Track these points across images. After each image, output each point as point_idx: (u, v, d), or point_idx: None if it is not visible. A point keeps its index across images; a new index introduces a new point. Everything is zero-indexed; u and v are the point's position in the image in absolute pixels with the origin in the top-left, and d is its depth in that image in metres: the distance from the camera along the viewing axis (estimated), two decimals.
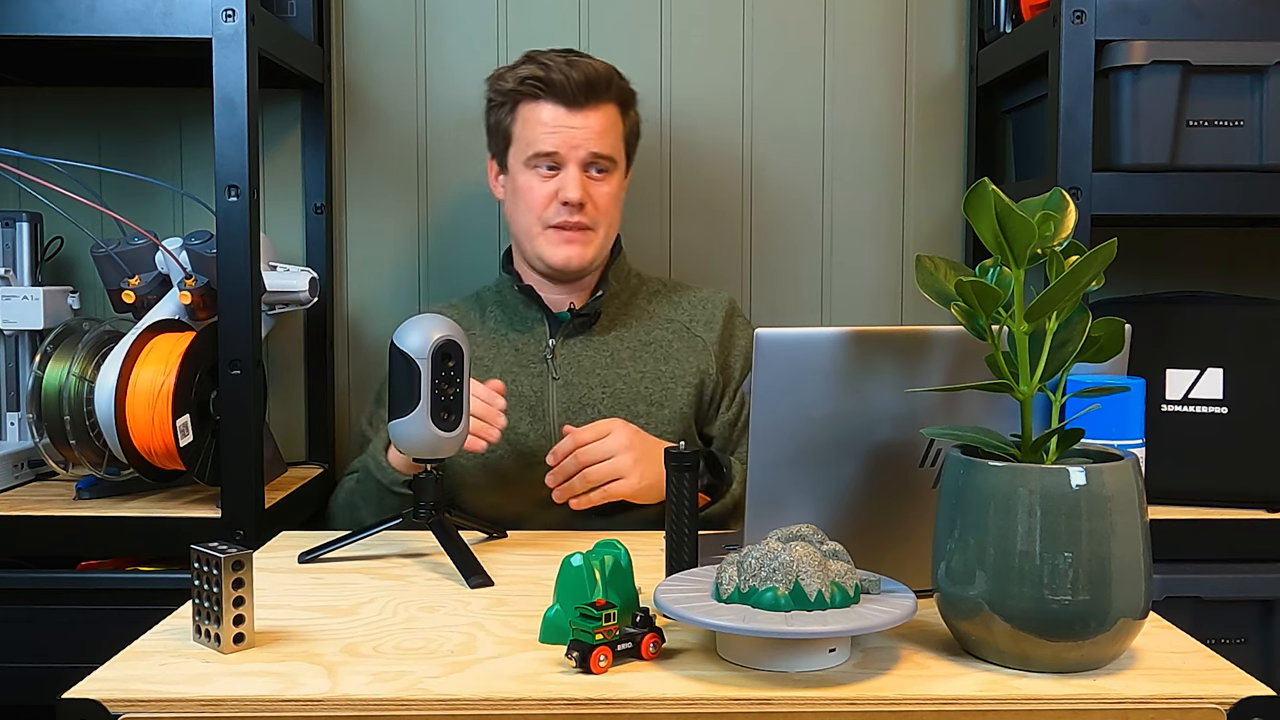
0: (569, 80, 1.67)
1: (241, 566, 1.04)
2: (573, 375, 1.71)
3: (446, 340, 1.31)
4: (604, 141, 1.70)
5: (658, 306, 1.80)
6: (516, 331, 1.76)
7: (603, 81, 1.70)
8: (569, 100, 1.68)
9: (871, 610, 0.98)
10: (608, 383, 1.71)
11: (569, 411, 1.69)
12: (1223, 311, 1.75)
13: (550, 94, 1.68)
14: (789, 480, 1.11)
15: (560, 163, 1.69)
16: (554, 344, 1.73)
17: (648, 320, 1.78)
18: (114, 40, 1.55)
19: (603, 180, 1.71)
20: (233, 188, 1.54)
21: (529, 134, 1.70)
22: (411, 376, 1.30)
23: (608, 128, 1.71)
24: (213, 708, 0.93)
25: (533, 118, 1.70)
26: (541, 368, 1.72)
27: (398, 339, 1.32)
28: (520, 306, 1.77)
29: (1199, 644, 1.07)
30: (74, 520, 1.60)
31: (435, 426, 1.31)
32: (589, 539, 1.15)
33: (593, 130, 1.69)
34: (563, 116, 1.68)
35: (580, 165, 1.69)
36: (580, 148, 1.68)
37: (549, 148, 1.68)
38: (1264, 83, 1.63)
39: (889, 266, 2.10)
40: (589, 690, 0.95)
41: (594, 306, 1.74)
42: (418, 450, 1.33)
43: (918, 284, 1.04)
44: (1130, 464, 0.98)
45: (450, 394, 1.32)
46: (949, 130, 2.09)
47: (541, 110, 1.69)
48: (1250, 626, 1.65)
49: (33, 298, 1.80)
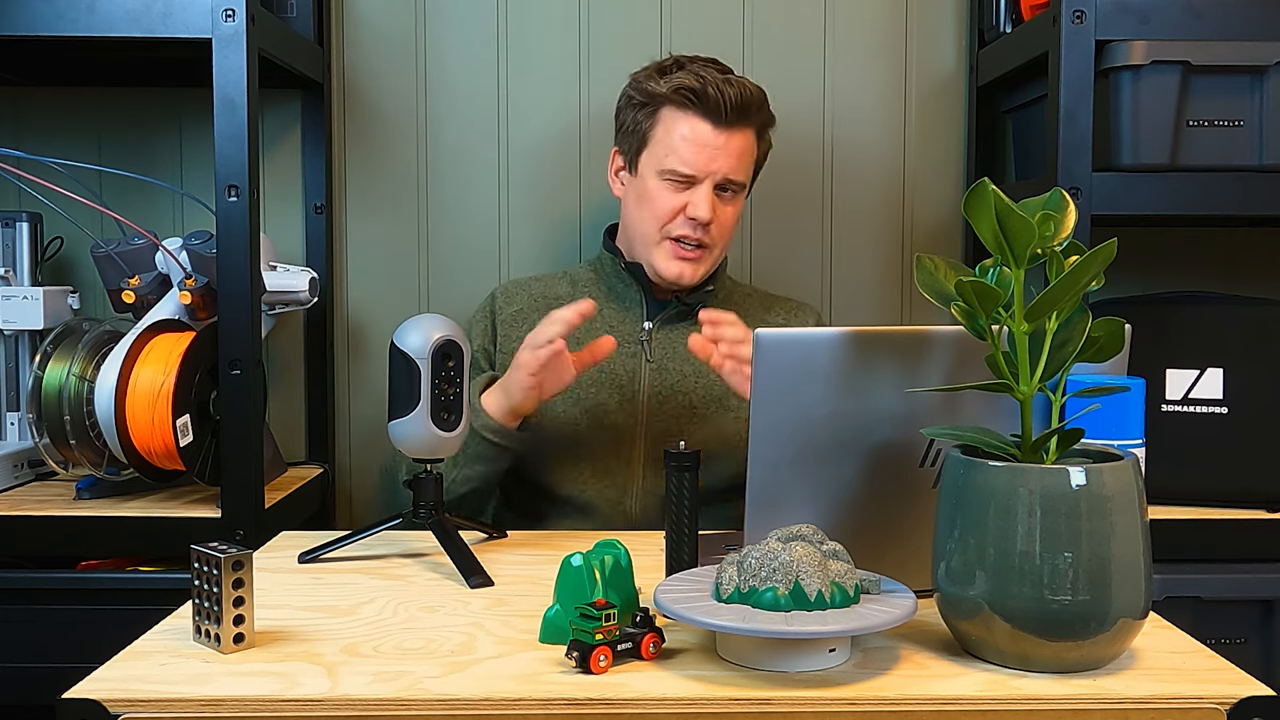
0: (724, 98, 1.64)
1: (241, 566, 1.04)
2: (666, 360, 1.72)
3: (446, 340, 1.31)
4: (740, 165, 1.68)
5: (751, 308, 1.81)
6: (612, 308, 1.76)
7: (754, 105, 1.68)
8: (717, 119, 1.65)
9: (871, 610, 0.98)
10: (701, 372, 1.71)
11: (659, 395, 1.70)
12: (1223, 311, 1.75)
13: (701, 108, 1.66)
14: (789, 480, 1.11)
15: (694, 179, 1.67)
16: (651, 327, 1.74)
17: (745, 318, 1.77)
18: (114, 40, 1.56)
19: (730, 202, 1.70)
20: (233, 188, 1.55)
21: (671, 143, 1.67)
22: (411, 376, 1.30)
23: (745, 151, 1.69)
24: (213, 708, 0.93)
25: (675, 129, 1.67)
26: (635, 349, 1.73)
27: (398, 339, 1.32)
28: (620, 285, 1.77)
29: (1199, 644, 1.07)
30: (74, 520, 1.60)
31: (435, 426, 1.31)
32: (589, 539, 1.15)
33: (733, 153, 1.67)
34: (708, 134, 1.66)
35: (713, 185, 1.67)
36: (719, 170, 1.66)
37: (686, 165, 1.66)
38: (1264, 83, 1.63)
39: (889, 266, 2.10)
40: (589, 690, 0.95)
41: (700, 298, 1.74)
42: (417, 450, 1.33)
43: (918, 284, 1.04)
44: (1130, 464, 0.98)
45: (450, 394, 1.32)
46: (949, 130, 2.09)
47: (688, 124, 1.66)
48: (1250, 626, 1.65)
49: (33, 298, 1.80)
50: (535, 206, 2.07)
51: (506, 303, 1.79)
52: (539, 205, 2.07)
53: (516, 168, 2.07)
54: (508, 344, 1.74)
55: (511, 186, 2.08)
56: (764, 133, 1.75)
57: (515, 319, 1.77)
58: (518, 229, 2.08)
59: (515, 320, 1.77)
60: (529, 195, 2.07)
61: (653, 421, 1.69)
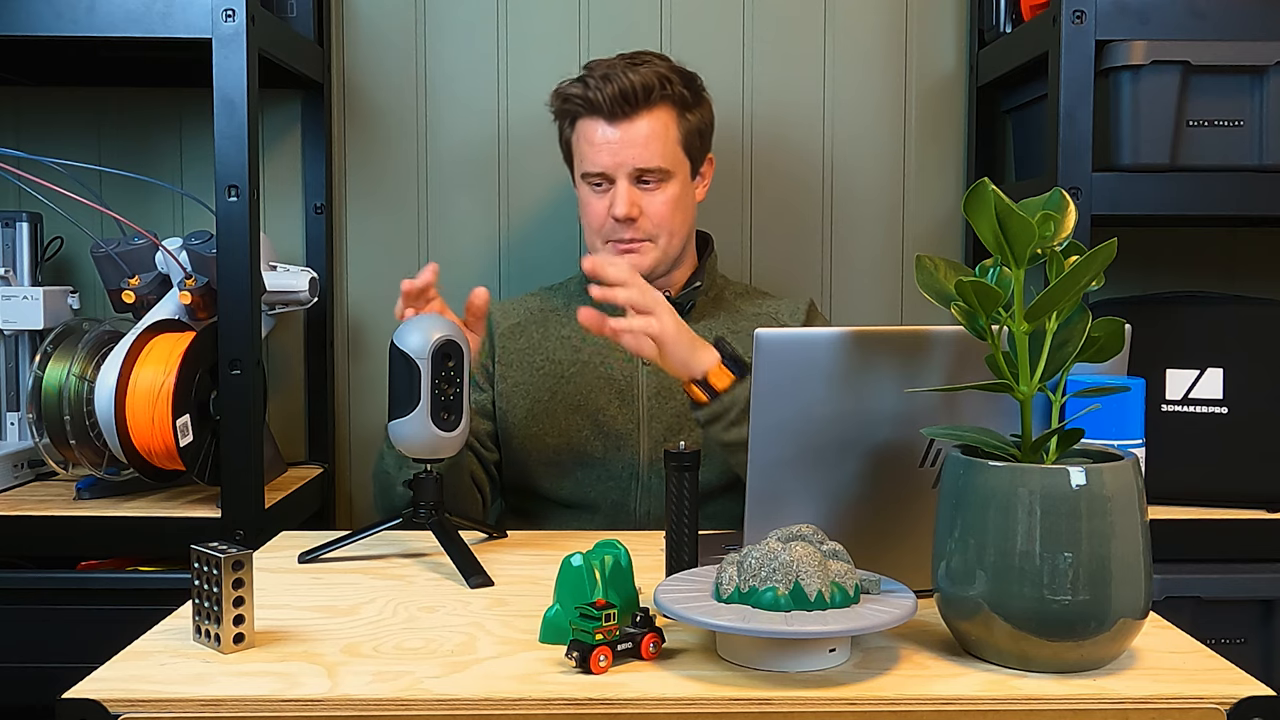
0: (603, 95, 1.65)
1: (241, 566, 1.04)
2: None
3: (446, 340, 1.31)
4: (648, 153, 1.67)
5: (744, 304, 1.81)
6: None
7: (640, 92, 1.66)
8: (608, 115, 1.66)
9: (871, 610, 0.98)
10: None
11: (658, 396, 1.71)
12: (1223, 311, 1.75)
13: (590, 111, 1.68)
14: (789, 480, 1.11)
15: (609, 178, 1.68)
16: None
17: (735, 314, 1.79)
18: (114, 40, 1.56)
19: (656, 190, 1.69)
20: (233, 188, 1.55)
21: (581, 151, 1.70)
22: (411, 377, 1.30)
23: (653, 136, 1.67)
24: (213, 708, 0.93)
25: (583, 136, 1.70)
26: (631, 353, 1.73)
27: (398, 339, 1.32)
28: None
29: (1199, 644, 1.07)
30: (74, 520, 1.60)
31: (435, 426, 1.31)
32: (589, 539, 1.15)
33: (635, 143, 1.66)
34: (605, 131, 1.67)
35: (629, 178, 1.67)
36: (625, 163, 1.67)
37: (594, 167, 1.68)
38: (1264, 83, 1.63)
39: (889, 266, 2.10)
40: (589, 690, 0.94)
41: (690, 297, 1.75)
42: (418, 450, 1.33)
43: (918, 284, 1.04)
44: (1130, 464, 0.98)
45: (450, 394, 1.32)
46: (949, 130, 2.09)
47: (587, 126, 1.69)
48: (1250, 626, 1.65)
49: (33, 298, 1.80)
50: (535, 206, 2.07)
51: (503, 317, 1.79)
52: (539, 205, 2.07)
53: (516, 167, 2.07)
54: (506, 355, 1.75)
55: (511, 186, 2.08)
56: (685, 108, 1.71)
57: (513, 332, 1.77)
58: (518, 229, 2.08)
59: (513, 333, 1.77)
60: (529, 195, 2.07)
61: (653, 423, 1.69)
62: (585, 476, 1.70)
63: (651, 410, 1.70)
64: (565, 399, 1.70)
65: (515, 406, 1.72)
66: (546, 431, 1.70)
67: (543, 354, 1.74)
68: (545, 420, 1.70)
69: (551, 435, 1.70)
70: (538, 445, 1.70)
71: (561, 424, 1.70)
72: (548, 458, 1.70)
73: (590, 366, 1.72)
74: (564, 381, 1.72)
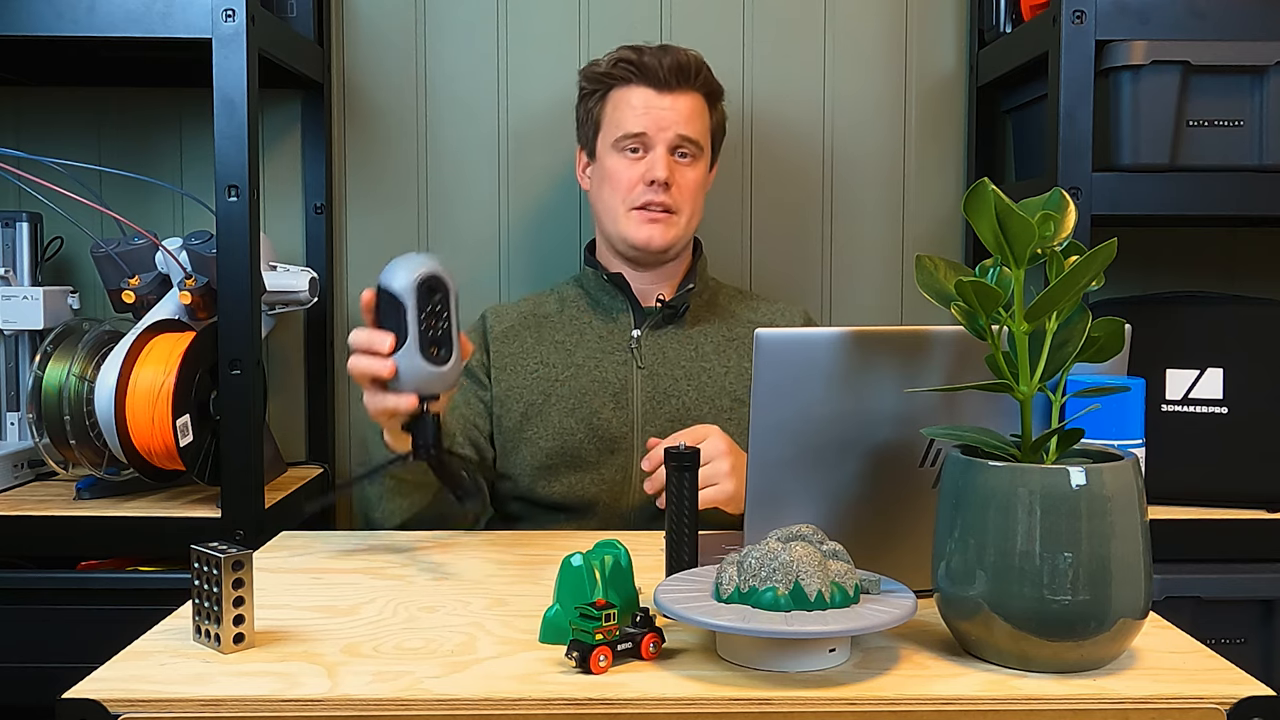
0: (660, 64, 1.71)
1: (241, 566, 1.04)
2: (658, 365, 1.72)
3: (431, 275, 1.29)
4: (692, 125, 1.73)
5: (739, 308, 1.82)
6: (600, 320, 1.77)
7: (693, 68, 1.73)
8: (659, 83, 1.71)
9: (871, 610, 0.98)
10: (692, 375, 1.72)
11: (653, 401, 1.71)
12: (1223, 311, 1.75)
13: (642, 77, 1.72)
14: (789, 480, 1.11)
15: (648, 144, 1.72)
16: (640, 334, 1.74)
17: (730, 319, 1.79)
18: (114, 40, 1.56)
19: (688, 165, 1.74)
20: (233, 188, 1.55)
21: (619, 116, 1.73)
22: (398, 314, 1.28)
23: (695, 113, 1.74)
24: (213, 708, 0.93)
25: (623, 102, 1.73)
26: (626, 356, 1.73)
27: (382, 278, 1.29)
28: (605, 297, 1.78)
29: (1199, 644, 1.07)
30: (74, 520, 1.60)
31: (425, 361, 1.28)
32: (589, 539, 1.15)
33: (681, 113, 1.72)
34: (653, 98, 1.72)
35: (668, 147, 1.71)
36: (669, 129, 1.71)
37: (638, 128, 1.71)
38: (1264, 83, 1.63)
39: (889, 266, 2.10)
40: (589, 690, 0.94)
41: (684, 299, 1.75)
42: (410, 386, 1.29)
43: (918, 284, 1.04)
44: (1130, 464, 0.98)
45: (439, 328, 1.29)
46: (949, 130, 2.09)
47: (632, 94, 1.73)
48: (1250, 626, 1.65)
49: (33, 298, 1.80)
50: (535, 206, 2.08)
51: (497, 321, 1.79)
52: (539, 205, 2.08)
53: (516, 167, 2.07)
54: (500, 359, 1.75)
55: (511, 186, 2.08)
56: (714, 102, 1.79)
57: (507, 335, 1.77)
58: (518, 229, 2.08)
59: (507, 337, 1.77)
60: (529, 195, 2.07)
61: (647, 427, 1.69)
62: (578, 480, 1.69)
63: (646, 414, 1.70)
64: (559, 402, 1.70)
65: (509, 411, 1.72)
66: (540, 435, 1.70)
67: (536, 357, 1.74)
68: (539, 424, 1.70)
69: (545, 439, 1.70)
70: (531, 449, 1.70)
71: (555, 427, 1.70)
72: (541, 461, 1.70)
73: (584, 370, 1.72)
74: (558, 385, 1.72)
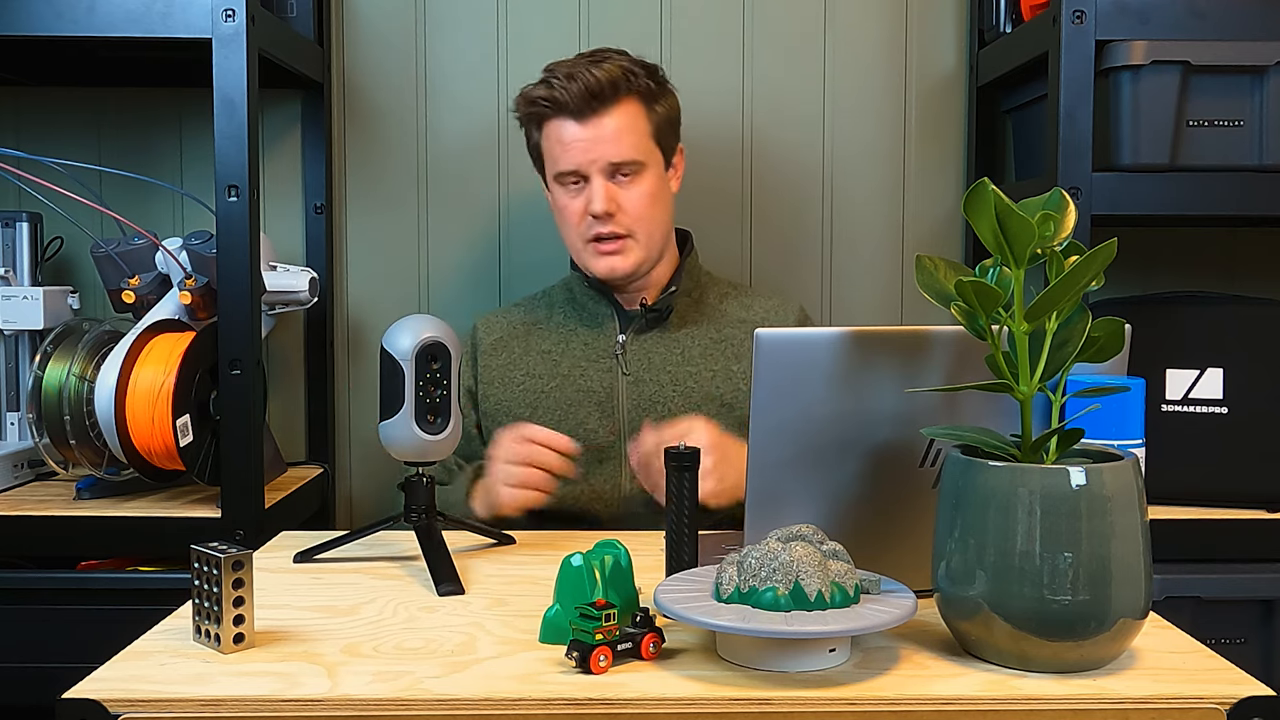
0: (569, 93, 1.66)
1: (241, 566, 1.04)
2: (643, 371, 1.71)
3: (433, 342, 1.29)
4: (620, 146, 1.67)
5: (729, 306, 1.79)
6: (586, 327, 1.76)
7: (606, 88, 1.66)
8: (575, 113, 1.67)
9: (871, 610, 0.98)
10: (678, 380, 1.71)
11: (639, 408, 1.70)
12: (1223, 311, 1.75)
13: (558, 111, 1.68)
14: (789, 480, 1.11)
15: (584, 175, 1.68)
16: (624, 340, 1.73)
17: (719, 319, 1.77)
18: (114, 40, 1.56)
19: (631, 183, 1.69)
20: (233, 188, 1.55)
21: (552, 152, 1.70)
22: (397, 378, 1.29)
23: (625, 129, 1.67)
24: (213, 708, 0.93)
25: (552, 136, 1.70)
26: (611, 363, 1.72)
27: (385, 340, 1.30)
28: (590, 303, 1.76)
29: (1199, 644, 1.07)
30: (74, 520, 1.60)
31: (419, 429, 1.29)
32: (589, 539, 1.15)
33: (606, 138, 1.66)
34: (575, 131, 1.67)
35: (604, 174, 1.67)
36: (598, 158, 1.66)
37: (568, 165, 1.68)
38: (1264, 83, 1.63)
39: (889, 266, 2.10)
40: (589, 690, 0.95)
41: (666, 302, 1.74)
42: (404, 454, 1.31)
43: (918, 284, 1.04)
44: (1130, 464, 0.98)
45: (436, 396, 1.30)
46: (949, 130, 2.09)
47: (557, 128, 1.69)
48: (1250, 626, 1.65)
49: (33, 298, 1.80)
50: (535, 206, 2.07)
51: (486, 333, 1.79)
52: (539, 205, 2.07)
53: (516, 167, 2.07)
54: (489, 373, 1.75)
55: (511, 186, 2.08)
56: (652, 101, 1.71)
57: (495, 348, 1.77)
58: (517, 229, 2.08)
59: (495, 349, 1.77)
60: (528, 195, 2.07)
61: (633, 435, 1.67)
62: (568, 492, 1.67)
63: (632, 422, 1.68)
64: (545, 414, 1.69)
65: (498, 425, 1.69)
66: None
67: (522, 369, 1.74)
68: None
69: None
70: None
71: None
72: None
73: (569, 380, 1.72)
74: (543, 396, 1.71)
